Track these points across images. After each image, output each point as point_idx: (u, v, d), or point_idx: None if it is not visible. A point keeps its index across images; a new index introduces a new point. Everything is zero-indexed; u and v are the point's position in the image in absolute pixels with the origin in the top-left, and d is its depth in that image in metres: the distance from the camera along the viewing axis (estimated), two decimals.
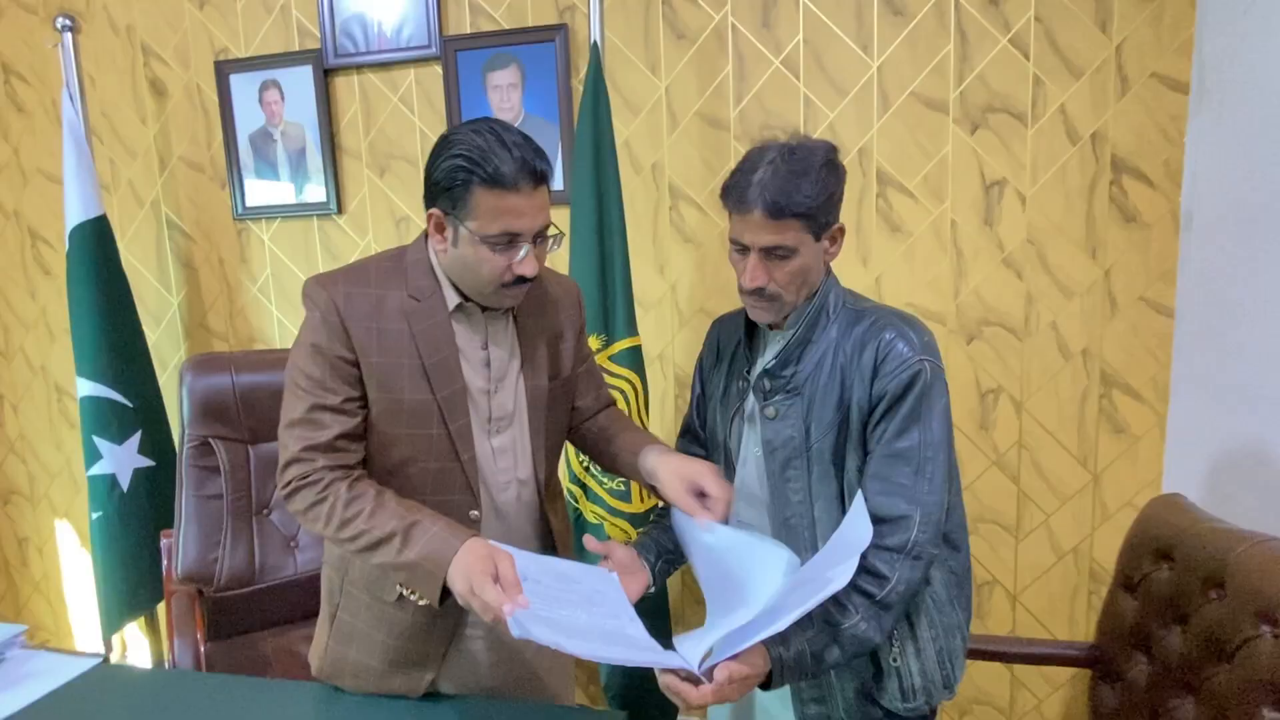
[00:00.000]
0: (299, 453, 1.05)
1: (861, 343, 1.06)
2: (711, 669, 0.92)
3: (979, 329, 1.84)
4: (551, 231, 1.08)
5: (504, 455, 1.16)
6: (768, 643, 0.96)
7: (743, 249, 1.07)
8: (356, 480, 1.06)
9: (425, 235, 1.12)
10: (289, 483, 1.06)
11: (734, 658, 0.92)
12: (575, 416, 1.30)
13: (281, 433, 1.07)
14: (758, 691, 1.16)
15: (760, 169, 1.03)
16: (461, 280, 1.08)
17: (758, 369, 1.15)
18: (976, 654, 1.51)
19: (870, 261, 1.87)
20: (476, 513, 1.13)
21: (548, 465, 1.21)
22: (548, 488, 1.22)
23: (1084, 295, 1.76)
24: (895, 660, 1.08)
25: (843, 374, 1.07)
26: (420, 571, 1.00)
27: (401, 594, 1.12)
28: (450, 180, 1.00)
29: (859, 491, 1.03)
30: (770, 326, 1.15)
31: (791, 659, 0.96)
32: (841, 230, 1.11)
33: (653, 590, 1.17)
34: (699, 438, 1.31)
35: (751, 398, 1.15)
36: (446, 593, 1.01)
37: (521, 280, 1.05)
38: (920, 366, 1.03)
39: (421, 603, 1.06)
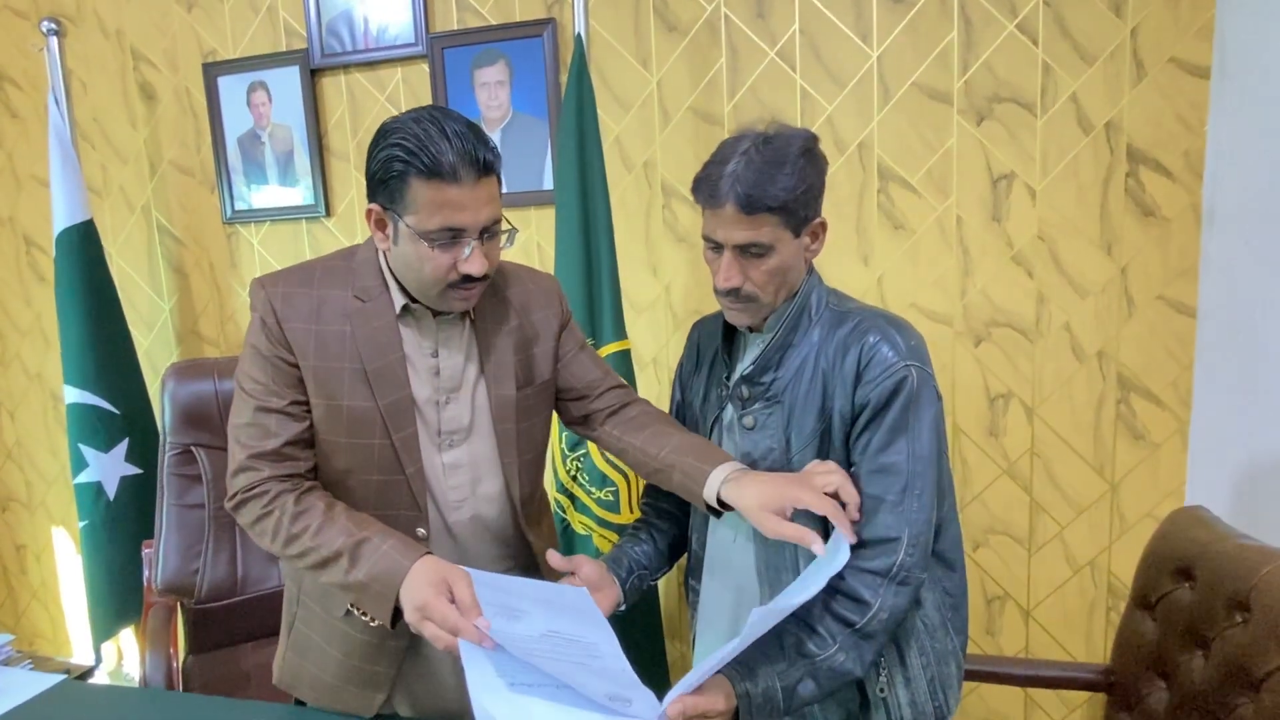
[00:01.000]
0: (246, 461, 1.00)
1: (844, 347, 0.99)
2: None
3: (987, 330, 1.75)
4: (504, 226, 1.01)
5: (456, 472, 1.08)
6: (732, 678, 0.88)
7: (716, 246, 1.00)
8: (305, 493, 1.00)
9: None
10: (235, 494, 1.01)
11: (694, 693, 0.85)
12: (582, 405, 1.18)
13: (230, 437, 1.02)
14: None
15: (733, 160, 0.95)
16: (406, 280, 1.02)
17: (736, 375, 1.08)
18: (984, 676, 1.42)
19: (871, 260, 1.79)
20: (424, 531, 1.07)
21: (525, 482, 1.12)
22: (527, 506, 1.13)
23: (1099, 294, 1.67)
24: (882, 691, 0.99)
25: (824, 380, 0.99)
26: (370, 593, 0.95)
27: (349, 610, 1.06)
28: (386, 172, 0.94)
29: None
30: (749, 329, 1.08)
31: (760, 695, 0.88)
32: (823, 225, 1.03)
33: (623, 608, 1.10)
34: None
35: (730, 406, 1.08)
36: (399, 613, 0.94)
37: (469, 279, 0.98)
38: (906, 373, 0.95)
39: (374, 624, 1.00)
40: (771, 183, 0.94)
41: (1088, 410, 1.71)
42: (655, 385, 1.99)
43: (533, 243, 2.01)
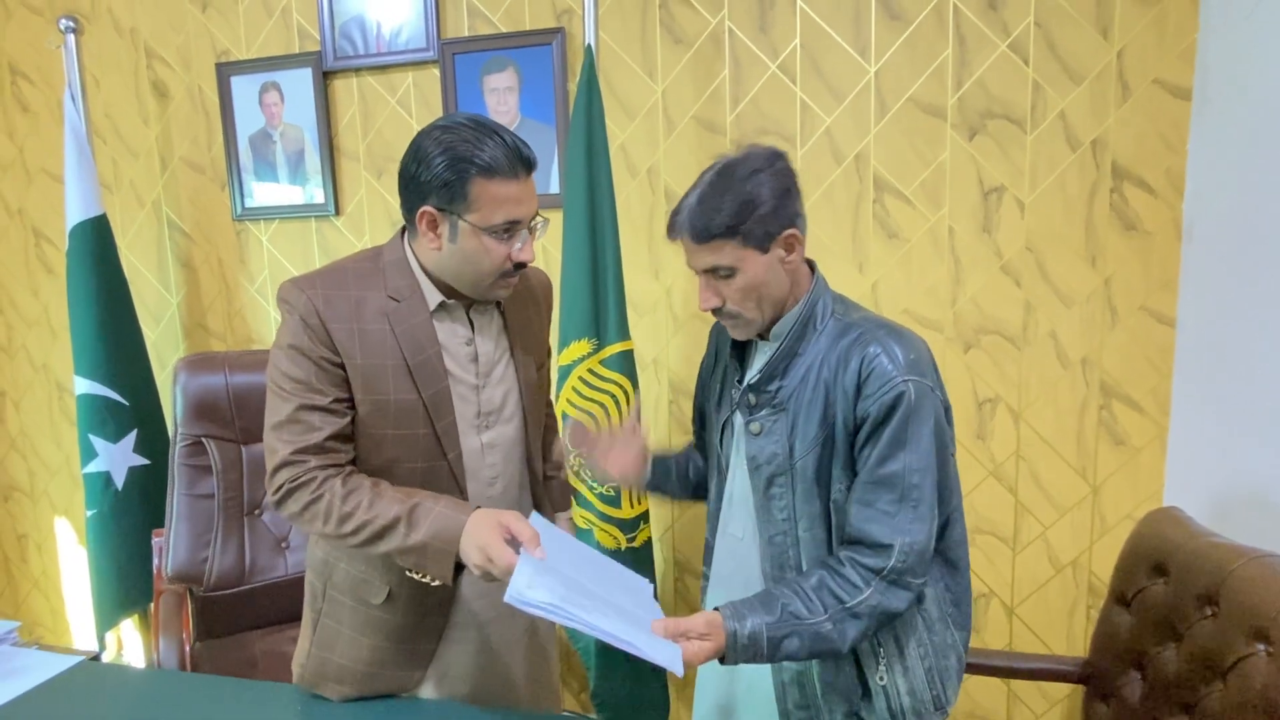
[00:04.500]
0: (289, 456, 1.04)
1: (846, 357, 1.02)
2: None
3: (976, 337, 1.81)
4: (538, 219, 1.08)
5: (493, 450, 1.16)
6: (724, 615, 0.97)
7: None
8: (350, 475, 1.06)
9: (402, 234, 1.11)
10: (280, 487, 1.04)
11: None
12: None
13: (268, 436, 1.06)
14: (743, 705, 1.15)
15: (693, 192, 1.02)
16: (459, 276, 1.07)
17: (745, 382, 1.13)
18: (968, 668, 1.46)
19: (866, 268, 1.85)
20: None
21: (541, 455, 1.24)
22: (543, 479, 1.25)
23: (1084, 304, 1.74)
24: (882, 679, 1.05)
25: (827, 390, 1.03)
26: (431, 551, 1.00)
27: (390, 594, 1.12)
28: (446, 175, 1.00)
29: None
30: (759, 337, 1.13)
31: (745, 637, 0.95)
32: (795, 238, 1.03)
33: (648, 478, 1.22)
34: (700, 443, 1.30)
35: (738, 412, 1.13)
36: (457, 570, 1.01)
37: (520, 267, 1.06)
38: (904, 388, 0.98)
39: (435, 584, 1.04)
40: (715, 210, 0.98)
41: (1071, 415, 1.78)
42: (655, 385, 2.04)
43: (540, 245, 2.05)
